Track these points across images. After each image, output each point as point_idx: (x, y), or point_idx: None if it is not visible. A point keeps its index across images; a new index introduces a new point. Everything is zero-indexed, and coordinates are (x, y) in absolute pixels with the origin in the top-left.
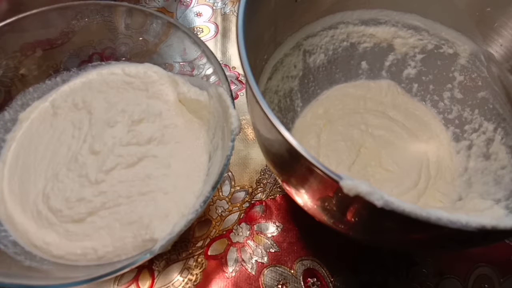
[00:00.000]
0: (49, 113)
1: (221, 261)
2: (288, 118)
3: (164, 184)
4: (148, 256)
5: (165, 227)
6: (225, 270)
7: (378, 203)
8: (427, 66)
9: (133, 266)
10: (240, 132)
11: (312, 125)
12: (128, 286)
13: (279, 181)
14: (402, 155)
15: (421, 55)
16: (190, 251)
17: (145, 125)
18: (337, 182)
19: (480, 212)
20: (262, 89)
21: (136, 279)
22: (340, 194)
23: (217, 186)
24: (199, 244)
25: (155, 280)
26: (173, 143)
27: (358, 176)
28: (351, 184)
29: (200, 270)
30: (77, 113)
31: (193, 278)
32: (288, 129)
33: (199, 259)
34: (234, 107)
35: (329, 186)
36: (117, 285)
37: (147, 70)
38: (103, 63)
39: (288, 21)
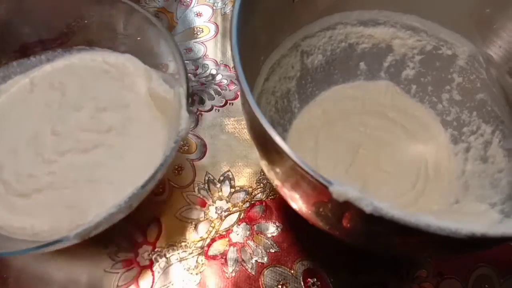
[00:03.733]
0: (26, 89)
1: (221, 261)
2: (286, 119)
3: (112, 175)
4: (62, 242)
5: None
6: (225, 270)
7: (367, 209)
8: (425, 67)
9: (48, 248)
10: (187, 135)
11: (310, 126)
12: (128, 286)
13: (274, 186)
14: (400, 157)
15: (420, 56)
16: (190, 251)
17: (109, 114)
18: (326, 188)
19: (475, 216)
20: (259, 91)
21: (136, 279)
22: (330, 200)
23: (146, 185)
24: (199, 244)
25: (155, 280)
26: (132, 136)
27: (356, 178)
28: (341, 189)
29: (200, 270)
30: (51, 93)
31: (193, 278)
32: (286, 130)
33: (199, 259)
34: (188, 110)
35: (320, 191)
36: (117, 285)
37: (126, 61)
38: (88, 48)
39: (285, 22)
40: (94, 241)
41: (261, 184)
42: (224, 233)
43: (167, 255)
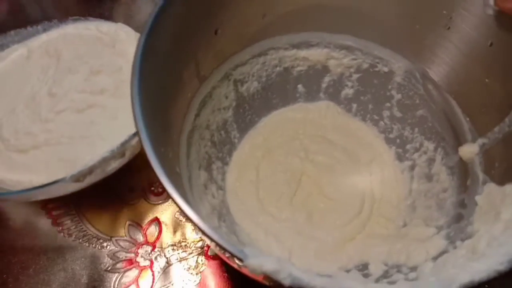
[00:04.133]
0: (24, 56)
1: (221, 261)
2: (225, 151)
3: (105, 132)
4: (59, 183)
5: None
6: (225, 270)
7: (286, 282)
8: (364, 85)
9: (47, 190)
10: None
11: (251, 157)
12: (128, 286)
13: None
14: (344, 181)
15: (357, 75)
16: (190, 251)
17: (102, 77)
18: (242, 261)
19: (422, 243)
20: (189, 128)
21: (136, 279)
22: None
23: (135, 136)
24: (199, 244)
25: (155, 280)
26: (125, 98)
27: (300, 208)
28: (256, 263)
29: (200, 270)
30: (47, 59)
31: (193, 278)
32: (226, 163)
33: (199, 259)
34: None
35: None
36: (117, 285)
37: (118, 29)
38: (82, 18)
39: (211, 54)
40: (95, 240)
41: None
42: None
43: (167, 255)
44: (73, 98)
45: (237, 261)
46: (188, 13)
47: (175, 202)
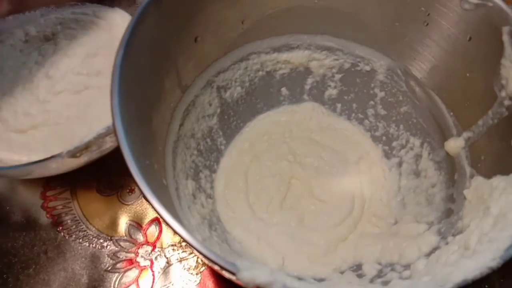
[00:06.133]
0: (21, 40)
1: None
2: (212, 159)
3: (101, 113)
4: (56, 158)
5: None
6: None
7: None
8: (347, 85)
9: (43, 165)
10: None
11: (239, 163)
12: (129, 286)
13: None
14: (333, 182)
15: (340, 75)
16: (190, 251)
17: (98, 59)
18: (234, 274)
19: (413, 239)
20: (174, 138)
21: (136, 279)
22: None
23: None
24: None
25: (155, 280)
26: None
27: (291, 212)
28: (249, 277)
29: (200, 270)
30: (45, 43)
31: (193, 278)
32: (213, 171)
33: (199, 259)
34: None
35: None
36: (118, 285)
37: (114, 14)
38: (79, 4)
39: (192, 62)
40: (95, 240)
41: None
42: None
43: (167, 255)
44: (70, 80)
45: (229, 275)
46: (167, 23)
47: (161, 217)
